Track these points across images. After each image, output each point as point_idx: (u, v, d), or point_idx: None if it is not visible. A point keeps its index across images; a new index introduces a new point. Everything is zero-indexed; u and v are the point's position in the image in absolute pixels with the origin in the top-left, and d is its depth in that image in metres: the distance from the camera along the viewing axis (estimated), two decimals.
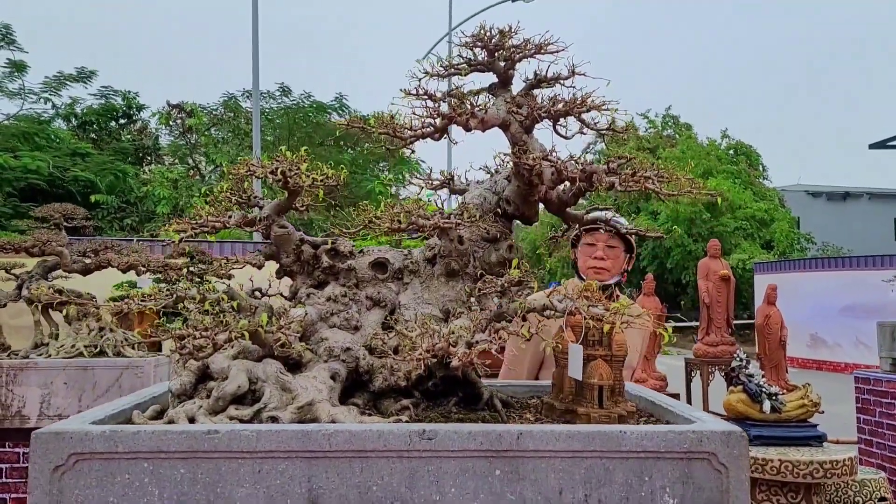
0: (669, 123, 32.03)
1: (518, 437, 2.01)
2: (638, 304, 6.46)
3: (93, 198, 20.21)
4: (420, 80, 2.39)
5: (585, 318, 2.15)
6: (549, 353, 3.58)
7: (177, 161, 27.36)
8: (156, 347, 7.57)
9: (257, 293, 2.63)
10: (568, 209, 2.57)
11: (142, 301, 2.26)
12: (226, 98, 27.00)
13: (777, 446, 7.27)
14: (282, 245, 2.53)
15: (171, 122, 26.22)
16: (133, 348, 7.77)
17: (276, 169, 2.22)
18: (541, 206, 2.62)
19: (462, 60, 2.48)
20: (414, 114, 2.24)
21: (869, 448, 7.51)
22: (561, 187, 2.46)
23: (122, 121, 26.89)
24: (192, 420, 2.13)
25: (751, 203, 26.03)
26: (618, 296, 3.83)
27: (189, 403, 2.21)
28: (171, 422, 2.12)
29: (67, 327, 7.87)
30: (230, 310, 2.29)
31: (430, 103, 2.29)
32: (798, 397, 7.86)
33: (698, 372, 9.56)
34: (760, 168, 30.50)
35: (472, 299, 2.44)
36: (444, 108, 2.30)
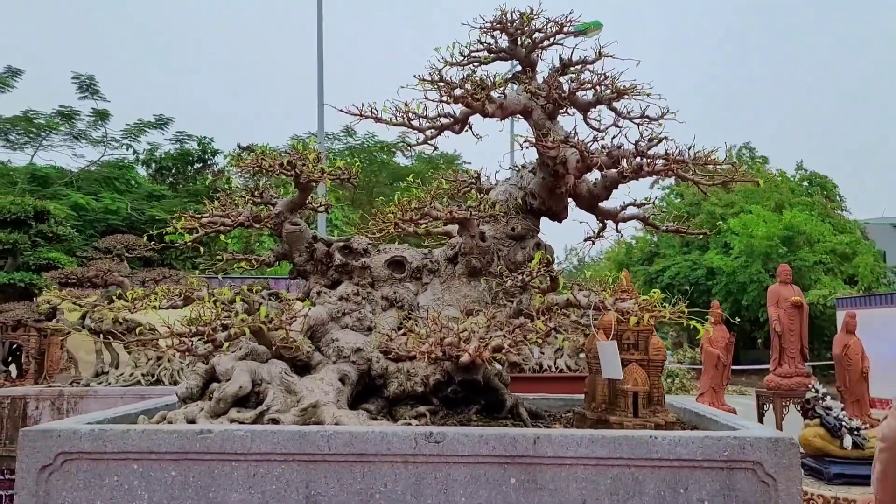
0: (745, 157, 31.11)
1: (535, 441, 1.81)
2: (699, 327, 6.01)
3: (167, 237, 20.88)
4: (439, 69, 2.26)
5: (615, 315, 1.95)
6: None
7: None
8: None
9: (273, 298, 2.52)
10: (600, 204, 2.37)
11: (145, 301, 2.17)
12: (294, 140, 27.73)
13: (860, 485, 6.69)
14: (294, 243, 2.41)
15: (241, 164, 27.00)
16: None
17: (285, 161, 2.12)
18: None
19: (482, 47, 2.34)
20: (426, 98, 2.10)
21: None
22: (591, 178, 2.28)
23: (197, 165, 27.86)
24: (192, 422, 2.02)
25: (830, 236, 24.81)
26: None
27: (191, 405, 2.10)
28: (169, 423, 2.01)
29: (128, 356, 8.01)
30: (239, 310, 2.18)
31: (444, 88, 2.15)
32: None
33: (770, 405, 8.97)
34: (838, 199, 29.16)
35: (500, 299, 2.27)
36: (459, 92, 2.15)
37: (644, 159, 1.95)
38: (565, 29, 2.20)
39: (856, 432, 6.93)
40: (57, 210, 12.32)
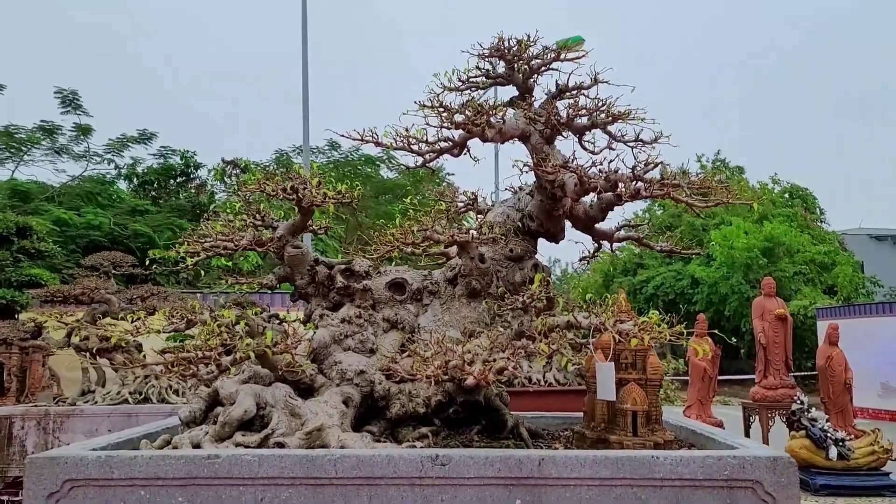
0: (721, 168, 31.47)
1: (539, 462, 1.84)
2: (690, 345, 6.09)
3: (151, 252, 20.71)
4: (438, 94, 2.31)
5: (614, 336, 1.99)
6: None
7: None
8: None
9: (274, 319, 2.54)
10: (596, 225, 2.42)
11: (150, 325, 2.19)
12: (278, 154, 27.64)
13: (846, 496, 6.79)
14: (296, 266, 2.44)
15: (225, 179, 26.88)
16: (177, 395, 7.77)
17: (287, 186, 2.15)
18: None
19: (480, 73, 2.40)
20: (428, 124, 2.14)
21: None
22: (588, 200, 2.33)
23: (180, 179, 27.67)
24: (197, 447, 2.03)
25: (809, 247, 25.13)
26: None
27: (196, 430, 2.11)
28: (174, 448, 2.02)
29: (115, 374, 7.94)
30: (242, 334, 2.20)
31: (445, 114, 2.19)
32: (868, 443, 7.34)
33: (757, 417, 9.06)
34: (818, 211, 29.56)
35: (497, 319, 2.30)
36: (460, 118, 2.20)
37: (641, 183, 2.00)
38: (562, 56, 2.25)
39: (841, 443, 7.03)
40: (39, 226, 12.21)
